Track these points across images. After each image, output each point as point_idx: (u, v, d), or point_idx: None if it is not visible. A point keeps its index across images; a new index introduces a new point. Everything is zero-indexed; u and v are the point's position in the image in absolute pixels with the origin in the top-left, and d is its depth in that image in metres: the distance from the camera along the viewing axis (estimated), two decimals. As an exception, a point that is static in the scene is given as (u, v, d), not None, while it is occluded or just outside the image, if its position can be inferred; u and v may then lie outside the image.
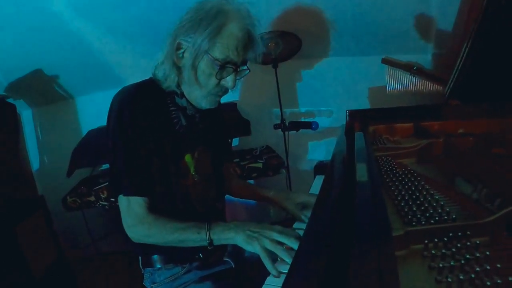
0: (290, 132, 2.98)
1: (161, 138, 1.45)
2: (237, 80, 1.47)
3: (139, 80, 1.52)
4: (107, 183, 2.97)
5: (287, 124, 2.84)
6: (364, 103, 3.57)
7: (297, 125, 2.79)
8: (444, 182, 1.28)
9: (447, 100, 2.38)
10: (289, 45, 2.94)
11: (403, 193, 1.13)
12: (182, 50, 1.41)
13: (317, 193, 1.73)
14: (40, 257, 2.72)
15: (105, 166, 3.44)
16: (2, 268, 2.33)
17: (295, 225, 1.56)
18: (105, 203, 2.91)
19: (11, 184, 2.69)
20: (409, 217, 0.97)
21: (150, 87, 1.49)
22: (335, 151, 1.82)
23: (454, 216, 0.96)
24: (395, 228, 0.89)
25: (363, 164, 1.19)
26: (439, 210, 1.01)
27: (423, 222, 0.95)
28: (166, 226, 1.39)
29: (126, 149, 1.38)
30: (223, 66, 1.39)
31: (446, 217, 0.97)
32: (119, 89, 1.45)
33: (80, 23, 2.93)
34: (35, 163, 3.69)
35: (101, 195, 2.90)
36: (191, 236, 1.35)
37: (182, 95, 1.52)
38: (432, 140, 1.65)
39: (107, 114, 1.43)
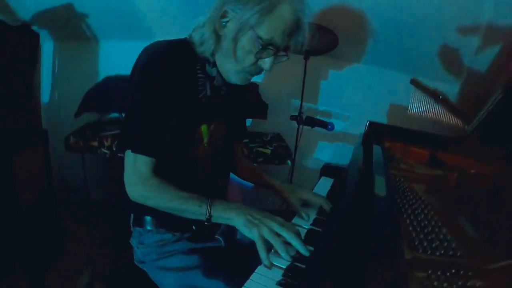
0: (304, 127, 2.96)
1: (182, 103, 1.42)
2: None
3: (166, 36, 1.49)
4: (112, 132, 2.95)
5: (304, 118, 2.82)
6: (381, 117, 3.55)
7: (314, 122, 2.77)
8: (449, 216, 1.26)
9: (467, 137, 2.35)
10: (325, 41, 2.89)
11: (412, 217, 1.12)
12: (226, 19, 1.36)
13: (321, 193, 1.73)
14: (30, 190, 2.70)
15: (114, 114, 3.41)
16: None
17: (294, 220, 1.54)
18: (107, 151, 2.89)
19: (18, 112, 2.66)
20: (416, 243, 0.96)
21: (183, 48, 1.44)
22: (352, 159, 1.81)
23: (459, 254, 0.95)
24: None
25: (382, 177, 1.17)
26: (445, 244, 1.00)
27: (429, 252, 0.94)
28: (168, 192, 1.36)
29: (145, 106, 1.35)
30: (265, 47, 1.34)
31: (451, 252, 0.96)
32: (146, 42, 1.42)
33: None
34: (45, 96, 3.67)
35: (105, 142, 2.88)
36: (191, 208, 1.33)
37: (214, 64, 1.47)
38: (446, 173, 1.64)
39: (129, 63, 1.40)
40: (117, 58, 3.39)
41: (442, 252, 0.94)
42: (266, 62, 1.38)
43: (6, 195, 2.44)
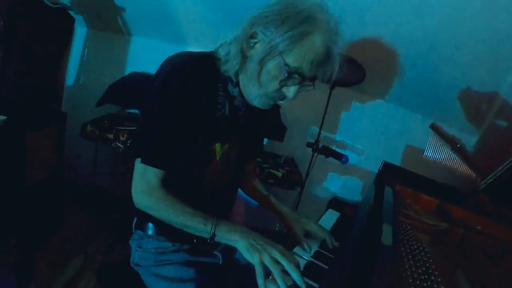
0: (318, 155, 2.95)
1: (198, 121, 1.38)
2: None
3: (197, 44, 1.45)
4: (130, 128, 2.96)
5: (319, 147, 2.81)
6: (396, 157, 3.54)
7: (329, 152, 2.76)
8: (448, 271, 1.26)
9: (479, 193, 2.34)
10: (353, 74, 2.89)
11: (413, 269, 1.12)
12: (255, 40, 1.32)
13: (326, 225, 1.73)
14: (39, 169, 2.73)
15: (134, 111, 3.43)
16: (1, 167, 2.34)
17: (296, 249, 1.52)
18: (121, 145, 2.90)
19: (40, 91, 2.71)
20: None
21: (206, 63, 1.40)
22: (363, 199, 1.80)
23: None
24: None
25: (389, 226, 1.17)
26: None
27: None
28: (175, 206, 1.36)
29: (160, 118, 1.32)
30: (291, 75, 1.30)
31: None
32: (178, 45, 1.40)
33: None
34: (70, 79, 3.72)
35: (120, 137, 2.89)
36: (196, 225, 1.33)
37: (236, 84, 1.43)
38: (452, 227, 1.63)
39: (157, 62, 1.38)
40: (146, 55, 3.45)
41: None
42: (290, 91, 1.34)
43: (15, 170, 2.46)
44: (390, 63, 3.07)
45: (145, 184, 1.36)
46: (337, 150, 2.89)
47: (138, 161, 1.37)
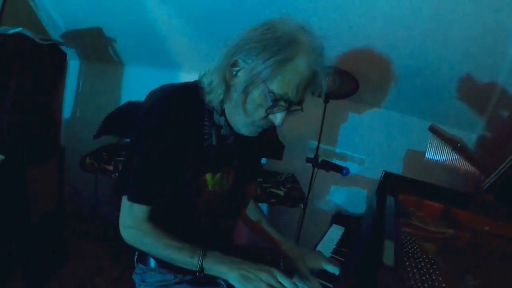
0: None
1: (185, 153, 1.35)
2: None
3: (189, 68, 1.42)
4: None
5: (319, 161, 2.80)
6: (397, 163, 3.54)
7: (329, 166, 2.74)
8: (456, 280, 1.24)
9: (482, 192, 2.33)
10: (346, 86, 2.89)
11: (419, 284, 1.10)
12: (237, 69, 1.29)
13: (331, 242, 1.71)
14: (41, 203, 2.74)
15: (131, 139, 3.45)
16: (3, 207, 2.34)
17: (295, 279, 1.47)
18: (121, 176, 2.91)
19: (38, 126, 2.72)
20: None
21: (190, 94, 1.37)
22: (366, 212, 1.79)
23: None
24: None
25: (391, 242, 1.16)
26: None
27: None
28: (161, 240, 1.33)
29: (144, 154, 1.31)
30: (277, 102, 1.27)
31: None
32: (171, 71, 1.38)
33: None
34: (66, 111, 3.74)
35: (120, 168, 2.90)
36: (183, 258, 1.30)
37: (222, 113, 1.40)
38: (458, 233, 1.62)
39: (148, 90, 1.35)
40: (140, 83, 3.44)
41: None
42: (278, 118, 1.31)
43: (17, 206, 2.47)
44: (383, 71, 3.07)
45: (131, 219, 1.35)
46: (338, 162, 2.89)
47: (124, 197, 1.36)
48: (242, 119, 1.35)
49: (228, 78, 1.32)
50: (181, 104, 1.32)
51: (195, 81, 1.44)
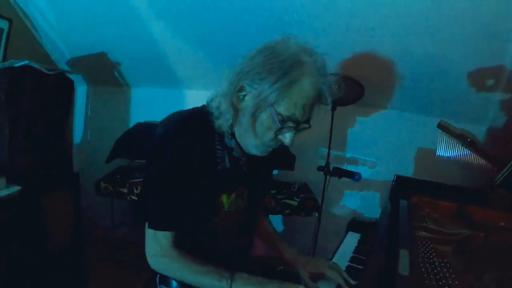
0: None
1: (199, 177, 1.37)
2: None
3: (195, 87, 1.43)
4: (142, 179, 3.00)
5: (331, 169, 2.81)
6: (409, 162, 3.53)
7: (341, 173, 2.74)
8: (474, 281, 1.25)
9: (496, 187, 2.32)
10: (351, 92, 2.90)
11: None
12: (244, 93, 1.32)
13: (348, 250, 1.71)
14: (59, 231, 2.78)
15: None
16: (21, 236, 2.37)
17: (320, 284, 1.51)
18: (136, 198, 2.94)
19: (52, 156, 2.76)
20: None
21: (200, 119, 1.39)
22: (380, 218, 1.80)
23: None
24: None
25: (406, 251, 1.17)
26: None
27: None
28: (189, 265, 1.34)
29: (160, 182, 1.34)
30: (285, 123, 1.29)
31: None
32: (176, 90, 1.39)
33: (156, 22, 2.99)
34: (77, 137, 3.78)
35: (134, 190, 2.93)
36: (211, 282, 1.30)
37: (232, 136, 1.43)
38: (473, 233, 1.62)
39: (160, 110, 1.38)
40: (148, 104, 3.53)
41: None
42: (287, 137, 1.33)
43: (35, 235, 2.50)
44: (387, 72, 3.07)
45: (157, 247, 1.36)
46: (349, 167, 2.89)
47: (147, 227, 1.37)
48: (253, 141, 1.38)
49: (235, 103, 1.35)
50: (193, 130, 1.35)
51: (203, 106, 1.47)
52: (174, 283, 1.53)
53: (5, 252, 2.23)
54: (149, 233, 1.37)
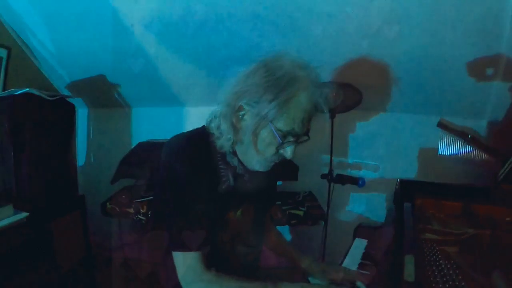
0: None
1: (206, 196, 1.39)
2: None
3: (194, 104, 1.45)
4: (148, 198, 3.01)
5: (334, 176, 2.82)
6: (411, 163, 3.54)
7: (344, 179, 2.75)
8: (482, 280, 1.25)
9: (499, 183, 2.32)
10: (349, 98, 2.91)
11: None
12: (243, 113, 1.35)
13: (356, 256, 1.72)
14: (69, 255, 2.78)
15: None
16: (32, 261, 2.38)
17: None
18: (143, 217, 2.95)
19: (56, 179, 2.79)
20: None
21: (201, 141, 1.44)
22: (385, 225, 1.81)
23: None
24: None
25: (411, 257, 1.18)
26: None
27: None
28: (228, 285, 1.35)
29: (173, 205, 1.36)
30: (285, 138, 1.33)
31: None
32: (175, 107, 1.40)
33: (152, 41, 3.02)
34: (80, 159, 3.80)
35: (141, 209, 2.94)
36: None
37: (234, 154, 1.45)
38: (479, 232, 1.62)
39: (161, 128, 1.42)
40: (149, 123, 3.55)
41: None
42: (288, 151, 1.36)
43: (46, 260, 2.51)
44: (383, 75, 3.09)
45: (191, 272, 1.35)
46: (352, 172, 2.90)
47: (174, 254, 1.38)
48: (255, 157, 1.40)
49: (235, 122, 1.38)
50: (195, 152, 1.38)
51: (203, 127, 1.50)
52: None
53: (17, 278, 2.24)
54: (178, 259, 1.37)
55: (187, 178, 1.34)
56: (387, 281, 1.26)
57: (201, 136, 1.46)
